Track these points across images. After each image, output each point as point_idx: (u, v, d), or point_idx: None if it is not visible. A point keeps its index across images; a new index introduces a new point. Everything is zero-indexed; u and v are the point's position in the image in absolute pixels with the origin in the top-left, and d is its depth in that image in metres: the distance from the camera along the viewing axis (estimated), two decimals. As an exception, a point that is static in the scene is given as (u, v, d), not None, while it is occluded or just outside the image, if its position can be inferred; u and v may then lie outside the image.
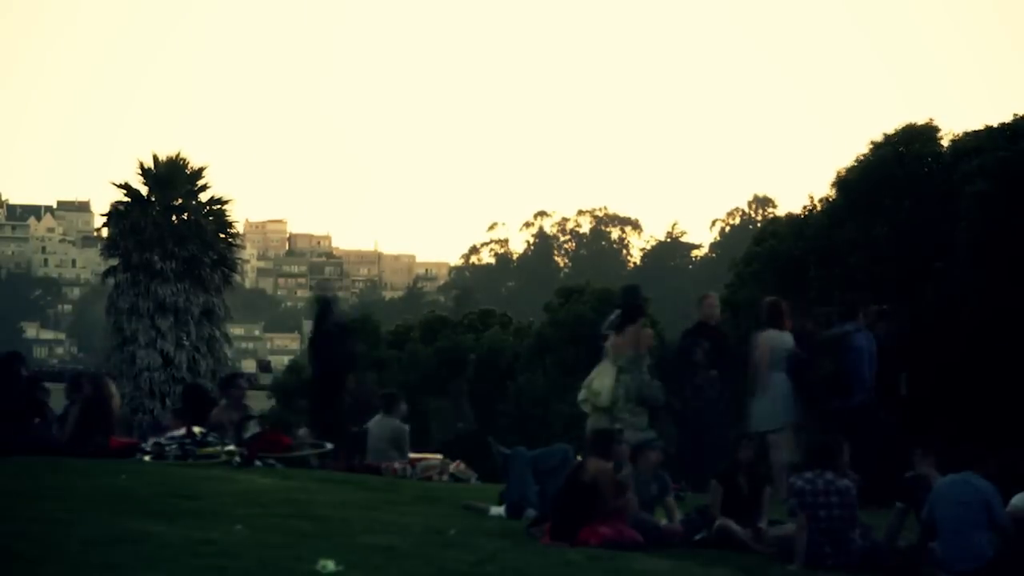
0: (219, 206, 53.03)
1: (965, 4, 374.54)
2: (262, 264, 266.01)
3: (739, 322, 50.77)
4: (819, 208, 63.23)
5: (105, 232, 54.27)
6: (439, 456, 24.52)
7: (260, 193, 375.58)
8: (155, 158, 52.61)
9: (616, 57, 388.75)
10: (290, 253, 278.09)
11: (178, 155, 52.59)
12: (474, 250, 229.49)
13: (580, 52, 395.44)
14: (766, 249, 61.48)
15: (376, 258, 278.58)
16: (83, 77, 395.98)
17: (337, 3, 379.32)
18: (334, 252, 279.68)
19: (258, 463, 20.23)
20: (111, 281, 52.36)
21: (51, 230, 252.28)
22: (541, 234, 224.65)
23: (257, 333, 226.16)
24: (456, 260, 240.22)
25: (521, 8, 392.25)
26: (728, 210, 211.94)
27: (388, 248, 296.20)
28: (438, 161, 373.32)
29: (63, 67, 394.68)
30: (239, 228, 60.13)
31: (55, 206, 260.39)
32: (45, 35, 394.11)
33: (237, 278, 58.60)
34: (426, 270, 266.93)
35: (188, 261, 51.18)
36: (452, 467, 22.85)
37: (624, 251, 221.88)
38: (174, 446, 20.45)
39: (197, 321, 51.55)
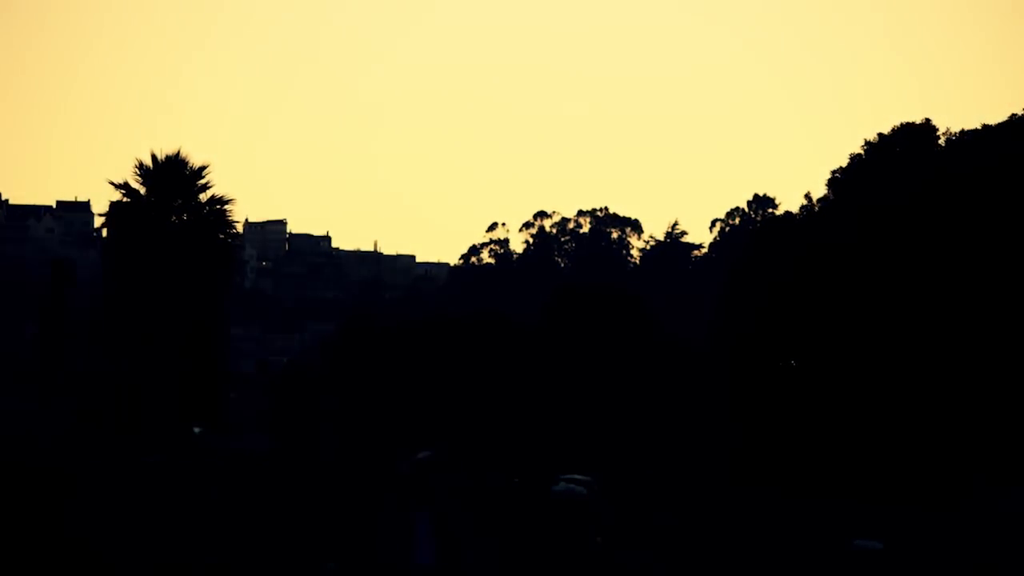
0: (220, 206, 52.97)
1: (964, 4, 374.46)
2: (262, 264, 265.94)
3: (738, 324, 50.93)
4: (816, 208, 63.68)
5: (105, 232, 54.27)
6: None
7: (260, 193, 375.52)
8: (154, 157, 52.49)
9: (616, 57, 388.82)
10: (290, 253, 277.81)
11: (177, 153, 52.44)
12: (474, 250, 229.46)
13: (581, 52, 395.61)
14: (764, 250, 61.89)
15: (376, 258, 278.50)
16: (83, 77, 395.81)
17: (337, 3, 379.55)
18: (334, 252, 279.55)
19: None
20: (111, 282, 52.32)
21: (51, 230, 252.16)
22: (541, 234, 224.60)
23: (257, 333, 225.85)
24: (456, 260, 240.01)
25: (521, 8, 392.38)
26: (728, 210, 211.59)
27: (388, 248, 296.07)
28: (438, 161, 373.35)
29: (63, 67, 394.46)
30: (239, 228, 60.14)
31: (55, 206, 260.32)
32: (45, 35, 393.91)
33: (237, 278, 58.64)
34: (426, 270, 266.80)
35: (188, 261, 51.14)
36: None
37: (624, 251, 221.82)
38: None
39: (197, 322, 51.55)
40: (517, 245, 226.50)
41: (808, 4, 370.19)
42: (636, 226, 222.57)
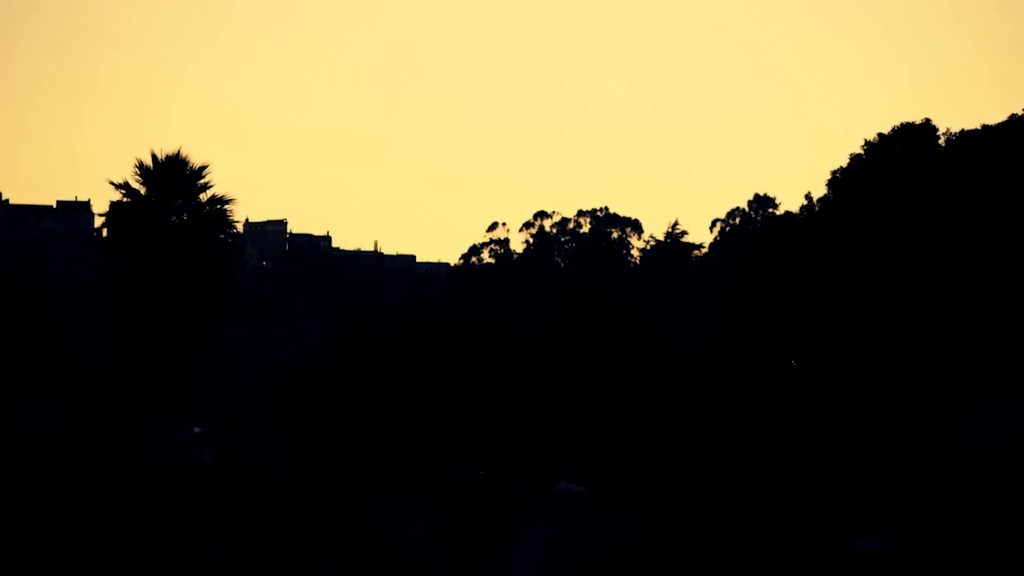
0: (220, 206, 52.99)
1: (964, 4, 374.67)
2: (262, 264, 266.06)
3: (739, 324, 50.82)
4: (816, 208, 63.83)
5: (105, 232, 54.31)
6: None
7: (260, 193, 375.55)
8: (154, 157, 52.49)
9: (616, 57, 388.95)
10: (290, 253, 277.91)
11: (177, 153, 52.44)
12: (474, 250, 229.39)
13: (581, 52, 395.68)
14: (764, 250, 62.02)
15: (376, 258, 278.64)
16: (83, 76, 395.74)
17: (337, 3, 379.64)
18: (334, 252, 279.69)
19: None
20: (111, 282, 52.33)
21: (51, 230, 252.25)
22: (541, 234, 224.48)
23: (257, 333, 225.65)
24: (456, 260, 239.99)
25: (521, 8, 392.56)
26: (728, 210, 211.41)
27: (388, 248, 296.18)
28: (438, 161, 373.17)
29: (63, 67, 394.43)
30: (239, 228, 60.20)
31: (55, 206, 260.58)
32: (45, 35, 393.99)
33: (237, 278, 58.60)
34: (426, 270, 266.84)
35: (188, 261, 51.16)
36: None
37: (624, 251, 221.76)
38: None
39: (197, 321, 51.58)
40: (517, 245, 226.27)
41: (808, 4, 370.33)
42: (636, 226, 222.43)
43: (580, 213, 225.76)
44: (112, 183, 52.59)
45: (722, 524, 58.10)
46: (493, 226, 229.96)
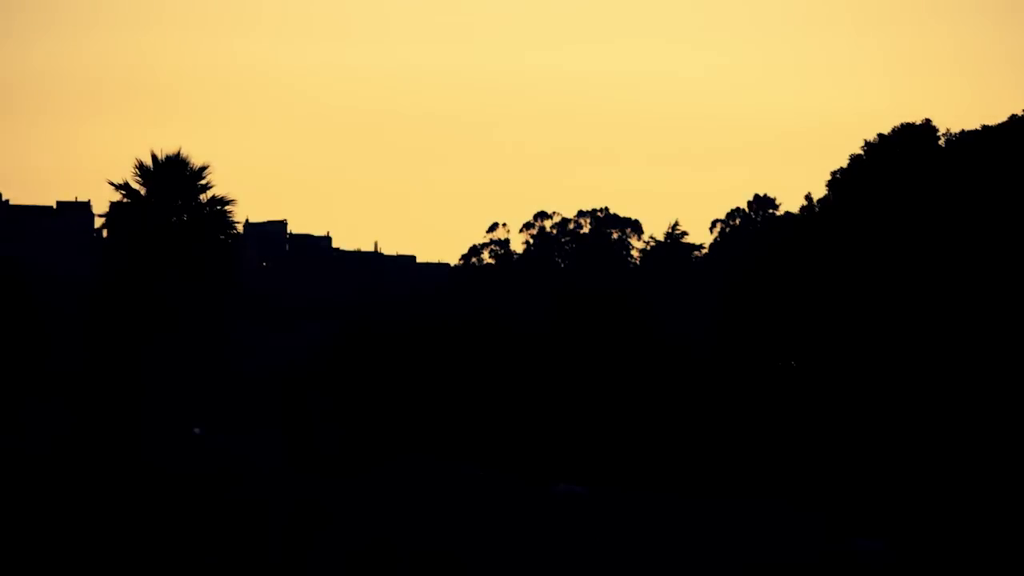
0: (220, 207, 52.91)
1: (964, 4, 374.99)
2: (262, 264, 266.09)
3: (741, 322, 50.85)
4: (817, 208, 63.99)
5: (105, 233, 54.24)
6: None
7: (260, 193, 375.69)
8: (154, 157, 52.42)
9: (616, 57, 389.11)
10: (290, 253, 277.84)
11: (178, 153, 52.34)
12: (474, 251, 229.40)
13: (580, 52, 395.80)
14: (764, 251, 62.10)
15: (376, 258, 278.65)
16: (83, 76, 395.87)
17: (335, 2, 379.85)
18: (334, 252, 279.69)
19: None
20: (110, 283, 52.23)
21: (51, 230, 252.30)
22: (541, 234, 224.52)
23: (257, 333, 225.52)
24: (456, 260, 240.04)
25: (521, 7, 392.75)
26: (728, 210, 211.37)
27: (388, 248, 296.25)
28: (438, 161, 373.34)
29: (63, 67, 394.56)
30: (239, 228, 60.13)
31: (55, 206, 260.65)
32: (45, 35, 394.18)
33: (238, 279, 58.50)
34: (426, 270, 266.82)
35: (188, 262, 51.09)
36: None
37: (624, 252, 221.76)
38: None
39: (198, 322, 51.51)
40: (517, 245, 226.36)
41: (808, 4, 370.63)
42: (636, 226, 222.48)
43: (580, 213, 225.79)
44: (112, 183, 52.46)
45: (722, 524, 58.13)
46: (493, 226, 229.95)
